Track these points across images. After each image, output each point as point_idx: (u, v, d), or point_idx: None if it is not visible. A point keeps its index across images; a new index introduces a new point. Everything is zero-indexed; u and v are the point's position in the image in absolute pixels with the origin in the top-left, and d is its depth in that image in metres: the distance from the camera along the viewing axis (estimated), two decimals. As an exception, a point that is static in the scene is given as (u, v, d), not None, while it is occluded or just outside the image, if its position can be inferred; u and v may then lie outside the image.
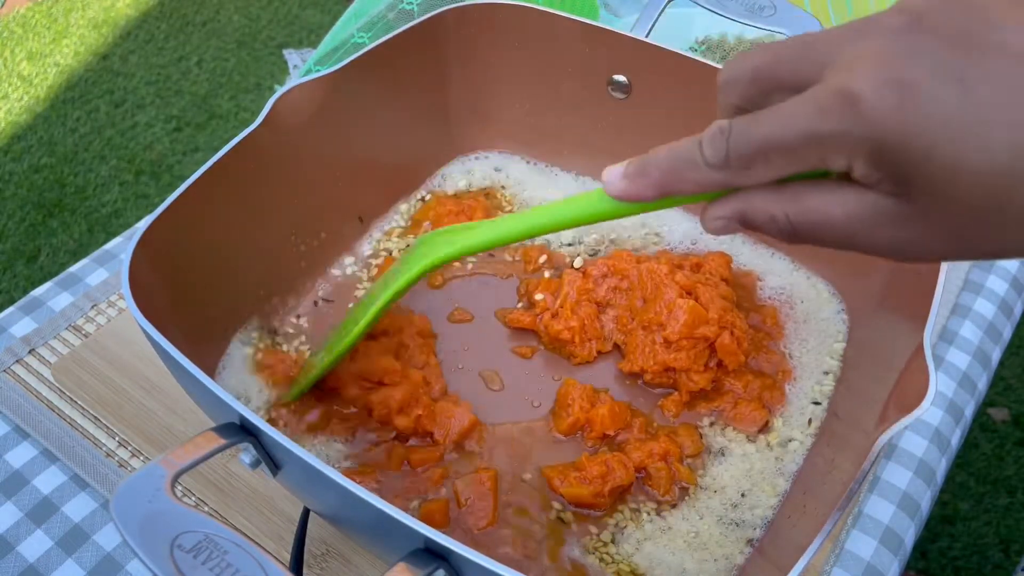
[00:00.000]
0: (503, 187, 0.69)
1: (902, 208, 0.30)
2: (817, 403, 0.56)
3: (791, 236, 0.33)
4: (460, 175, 0.70)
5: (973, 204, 0.28)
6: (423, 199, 0.68)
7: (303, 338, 0.59)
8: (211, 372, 0.55)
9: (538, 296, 0.61)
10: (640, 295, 0.59)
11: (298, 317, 0.60)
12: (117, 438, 0.56)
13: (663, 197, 0.36)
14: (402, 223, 0.66)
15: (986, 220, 0.29)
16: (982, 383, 0.66)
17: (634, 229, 0.66)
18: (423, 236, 0.49)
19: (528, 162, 0.71)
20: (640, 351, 0.56)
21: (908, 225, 0.30)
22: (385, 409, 0.53)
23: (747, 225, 0.34)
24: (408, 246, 0.62)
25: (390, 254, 0.64)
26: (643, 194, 0.36)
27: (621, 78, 0.64)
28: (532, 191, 0.69)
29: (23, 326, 0.63)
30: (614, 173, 0.37)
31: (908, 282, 0.51)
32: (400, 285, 0.49)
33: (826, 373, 0.58)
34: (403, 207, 0.68)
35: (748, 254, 0.65)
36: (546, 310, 0.59)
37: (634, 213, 0.38)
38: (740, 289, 0.62)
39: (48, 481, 0.55)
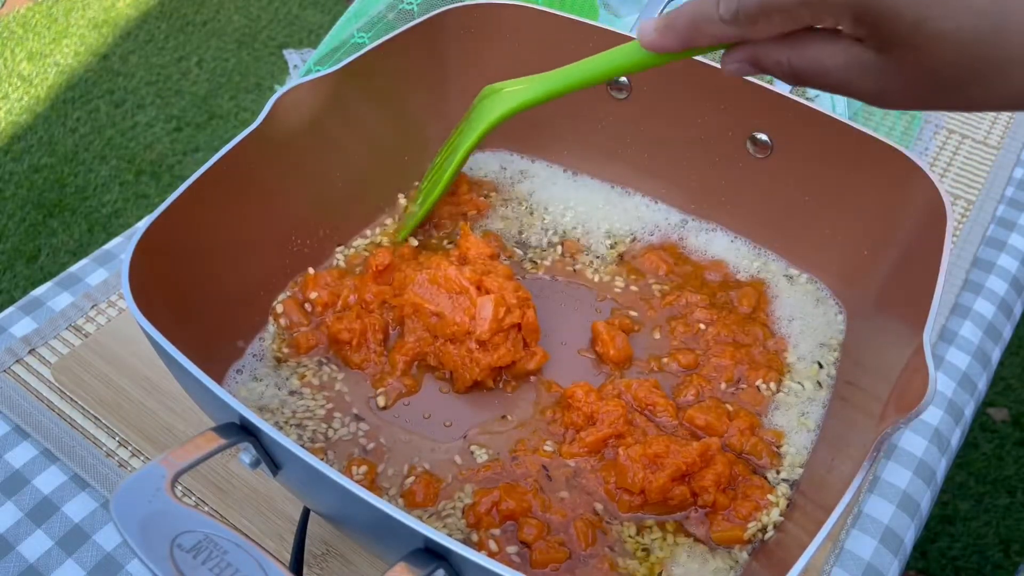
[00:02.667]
0: (500, 183, 0.69)
1: (882, 60, 0.36)
2: (816, 400, 0.56)
3: (794, 78, 0.39)
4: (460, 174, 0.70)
5: (944, 61, 0.34)
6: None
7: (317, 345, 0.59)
8: (219, 375, 0.55)
9: (312, 295, 0.58)
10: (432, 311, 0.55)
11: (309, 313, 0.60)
12: (117, 438, 0.56)
13: (687, 48, 0.42)
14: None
15: (955, 76, 0.34)
16: (982, 383, 0.66)
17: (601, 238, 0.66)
18: (484, 92, 0.58)
19: (529, 161, 0.71)
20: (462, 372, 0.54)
21: (889, 75, 0.36)
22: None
23: (758, 68, 0.41)
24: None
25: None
26: (670, 45, 0.42)
27: (621, 78, 0.64)
28: (532, 190, 0.69)
29: (23, 326, 0.63)
30: (647, 27, 0.43)
31: (907, 282, 0.51)
32: (470, 144, 0.58)
33: (822, 366, 0.58)
34: (403, 206, 0.68)
35: (746, 255, 0.65)
36: (328, 307, 0.58)
37: (664, 63, 0.44)
38: (744, 301, 0.62)
39: (48, 481, 0.55)
